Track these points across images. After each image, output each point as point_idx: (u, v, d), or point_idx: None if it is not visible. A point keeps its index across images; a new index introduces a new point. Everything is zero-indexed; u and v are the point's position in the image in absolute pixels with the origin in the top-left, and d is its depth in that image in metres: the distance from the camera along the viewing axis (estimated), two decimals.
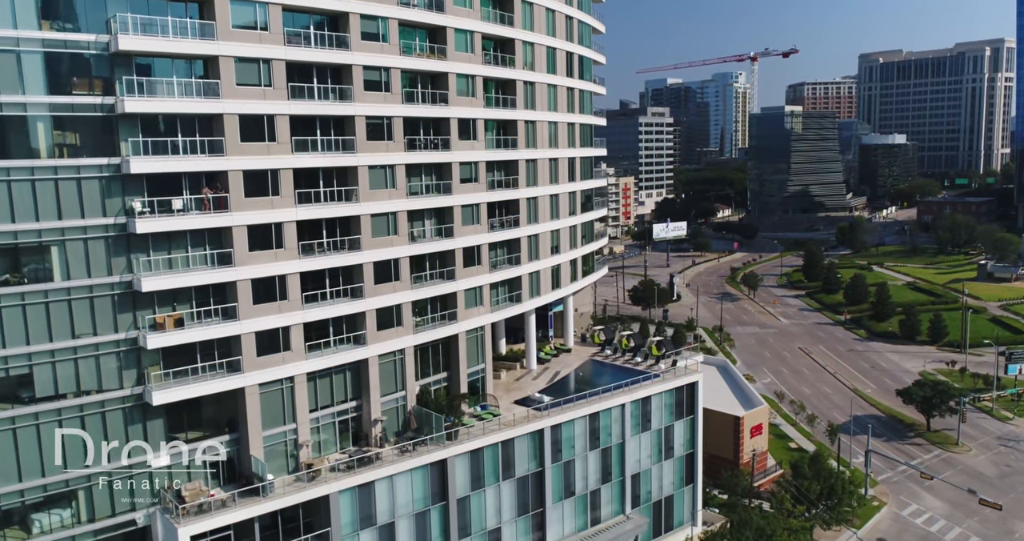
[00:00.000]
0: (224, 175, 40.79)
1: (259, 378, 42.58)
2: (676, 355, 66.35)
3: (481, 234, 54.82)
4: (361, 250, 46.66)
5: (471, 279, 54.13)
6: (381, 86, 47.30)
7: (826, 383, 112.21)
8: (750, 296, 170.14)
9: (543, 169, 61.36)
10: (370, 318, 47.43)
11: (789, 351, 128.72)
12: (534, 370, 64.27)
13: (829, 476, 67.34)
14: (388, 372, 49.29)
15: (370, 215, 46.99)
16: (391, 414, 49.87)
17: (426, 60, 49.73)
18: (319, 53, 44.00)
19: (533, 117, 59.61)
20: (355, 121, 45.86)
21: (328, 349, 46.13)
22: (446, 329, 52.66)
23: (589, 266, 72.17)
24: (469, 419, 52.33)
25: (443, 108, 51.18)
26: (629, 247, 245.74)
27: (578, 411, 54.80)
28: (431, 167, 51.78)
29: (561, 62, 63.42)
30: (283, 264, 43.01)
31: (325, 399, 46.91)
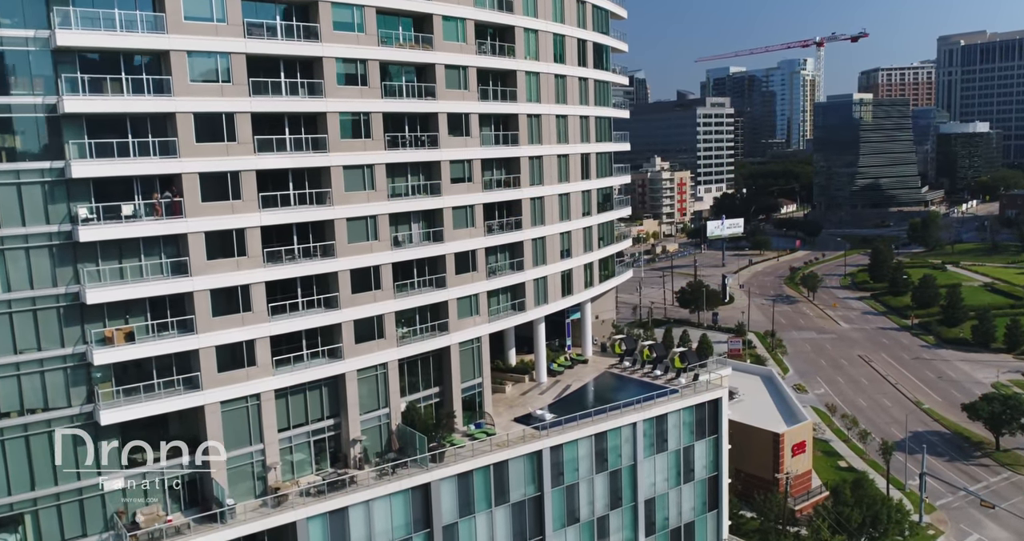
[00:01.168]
0: (178, 178, 39.01)
1: (220, 395, 40.83)
2: (701, 367, 62.57)
3: (476, 238, 52.22)
4: (335, 257, 44.55)
5: (465, 287, 51.58)
6: (357, 80, 45.06)
7: (886, 395, 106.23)
8: (809, 298, 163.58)
9: (550, 166, 58.38)
10: (347, 330, 45.30)
11: (847, 359, 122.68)
12: (544, 383, 61.39)
13: (873, 503, 62.62)
14: (369, 388, 47.12)
15: (345, 219, 44.84)
16: (373, 433, 47.69)
17: (409, 51, 47.34)
18: (285, 45, 42.02)
19: (538, 111, 56.72)
20: (327, 118, 43.71)
21: (300, 364, 44.16)
22: (436, 341, 50.23)
23: (609, 270, 68.86)
24: (460, 438, 49.82)
25: (430, 102, 48.75)
26: (683, 245, 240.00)
27: (582, 430, 51.75)
28: (418, 166, 49.42)
29: (571, 51, 60.31)
30: (246, 273, 41.16)
31: (299, 417, 44.99)
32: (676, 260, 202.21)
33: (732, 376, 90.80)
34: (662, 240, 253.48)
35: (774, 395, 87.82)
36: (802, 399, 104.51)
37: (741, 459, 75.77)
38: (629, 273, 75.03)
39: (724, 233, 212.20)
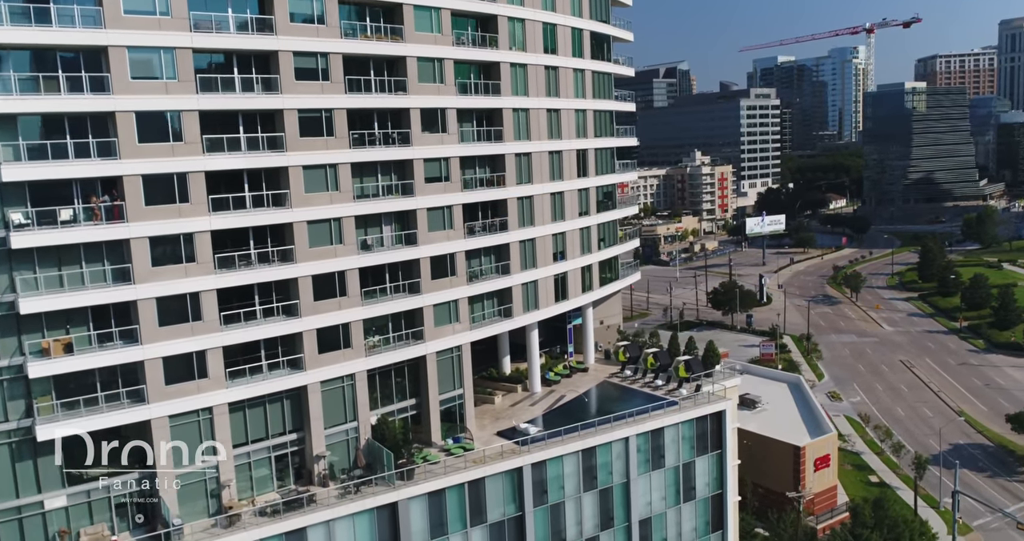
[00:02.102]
0: (120, 181, 37.76)
1: (169, 409, 39.52)
2: (707, 377, 59.70)
3: (455, 241, 50.23)
4: (295, 262, 42.96)
5: (442, 292, 49.67)
6: (318, 75, 43.39)
7: (926, 403, 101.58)
8: (852, 299, 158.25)
9: (540, 164, 56.10)
10: (308, 340, 43.71)
11: (888, 364, 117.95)
12: (537, 393, 59.20)
13: (895, 525, 59.03)
14: (334, 401, 45.49)
15: (306, 222, 43.24)
16: (340, 449, 46.06)
17: (376, 43, 45.54)
18: (236, 40, 40.53)
19: (525, 105, 54.51)
20: (284, 116, 42.12)
21: (257, 375, 42.69)
22: (410, 350, 48.43)
23: (612, 273, 66.32)
24: (436, 454, 47.91)
25: (400, 97, 46.89)
26: (723, 243, 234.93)
27: (568, 445, 49.41)
28: (389, 165, 47.65)
29: (565, 41, 57.95)
30: (195, 280, 39.78)
31: (258, 431, 43.56)
32: (713, 259, 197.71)
33: (757, 383, 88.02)
34: (701, 238, 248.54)
35: (800, 404, 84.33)
36: (836, 407, 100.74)
37: (759, 473, 72.77)
38: (636, 275, 72.35)
39: (764, 230, 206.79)
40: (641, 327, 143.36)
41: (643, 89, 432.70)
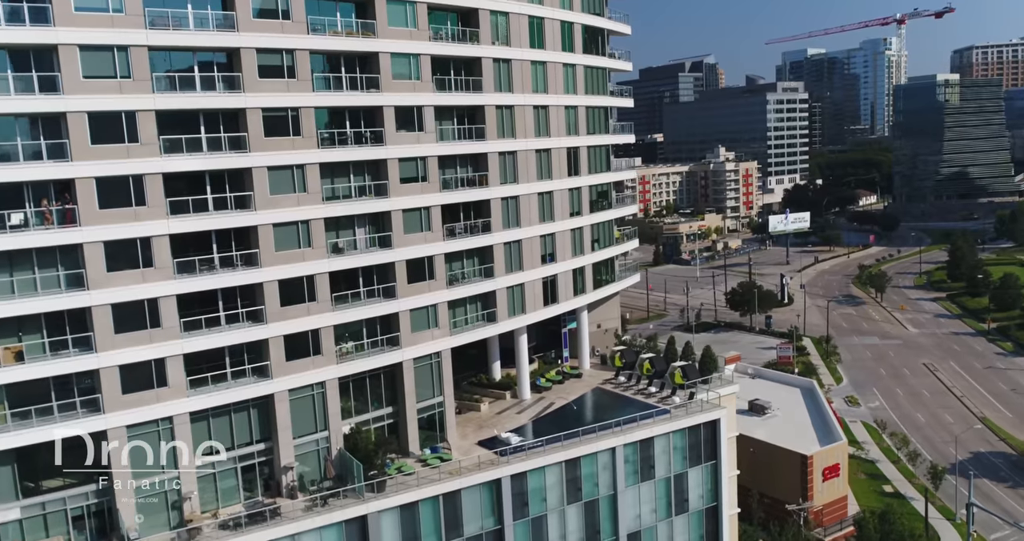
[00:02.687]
0: (72, 184, 37.08)
1: (125, 419, 38.81)
2: (703, 383, 58.02)
3: (434, 243, 49.08)
4: (260, 266, 42.08)
5: (420, 297, 48.56)
6: (283, 72, 42.44)
7: (949, 409, 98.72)
8: (877, 299, 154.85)
9: (526, 163, 54.77)
10: (275, 347, 42.82)
11: (910, 367, 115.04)
12: (526, 400, 57.94)
13: (901, 539, 56.96)
14: (304, 409, 44.58)
15: (271, 225, 42.34)
16: (311, 459, 45.15)
17: (345, 39, 44.49)
18: (195, 37, 39.70)
19: (509, 101, 53.21)
20: (247, 115, 41.22)
21: (221, 384, 41.88)
22: (385, 357, 47.39)
23: (608, 275, 64.81)
24: (411, 464, 46.84)
25: (372, 95, 45.80)
26: (747, 241, 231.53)
27: (550, 456, 48.12)
28: (362, 165, 46.58)
29: (553, 35, 56.53)
30: (153, 286, 39.03)
31: (224, 441, 42.61)
32: (736, 258, 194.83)
33: (769, 388, 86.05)
34: (725, 236, 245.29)
35: (812, 410, 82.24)
36: (853, 413, 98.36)
37: (766, 483, 71.00)
38: (635, 277, 70.74)
39: (788, 228, 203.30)
40: (657, 329, 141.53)
41: (669, 83, 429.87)
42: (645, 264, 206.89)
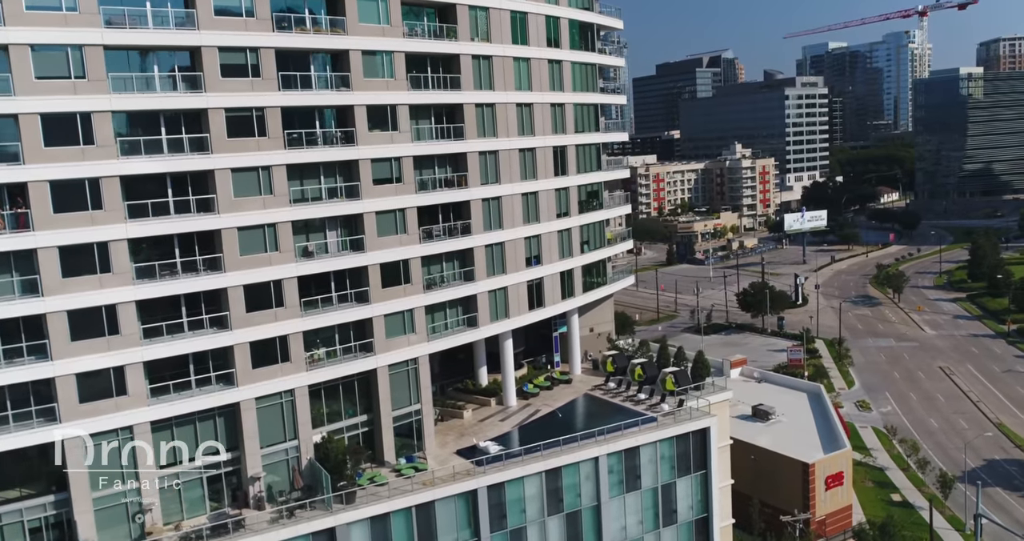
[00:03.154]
0: (25, 187, 36.53)
1: (83, 429, 38.16)
2: (695, 390, 56.79)
3: (409, 246, 48.21)
4: (224, 271, 41.35)
5: (395, 301, 47.71)
6: (247, 71, 41.70)
7: (963, 414, 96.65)
8: (894, 300, 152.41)
9: (509, 162, 53.79)
10: (241, 354, 42.11)
11: (925, 371, 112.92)
12: (512, 407, 56.96)
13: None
14: (272, 418, 43.84)
15: (236, 228, 41.59)
16: (280, 469, 44.41)
17: (313, 37, 43.67)
18: (154, 36, 39.02)
19: (490, 99, 52.24)
20: (209, 115, 40.52)
21: (185, 392, 41.20)
22: (357, 364, 46.55)
23: (599, 277, 63.67)
24: (385, 474, 46.00)
25: (343, 94, 44.98)
26: (763, 240, 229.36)
27: (530, 466, 47.16)
28: (334, 166, 45.76)
29: (537, 30, 55.48)
30: (111, 292, 38.40)
31: (188, 450, 41.99)
32: (751, 257, 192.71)
33: (775, 393, 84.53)
34: (741, 235, 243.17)
35: (818, 416, 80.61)
36: (863, 418, 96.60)
37: (767, 491, 69.71)
38: (629, 279, 69.50)
39: (804, 227, 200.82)
40: (666, 330, 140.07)
41: (686, 79, 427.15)
42: (658, 264, 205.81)
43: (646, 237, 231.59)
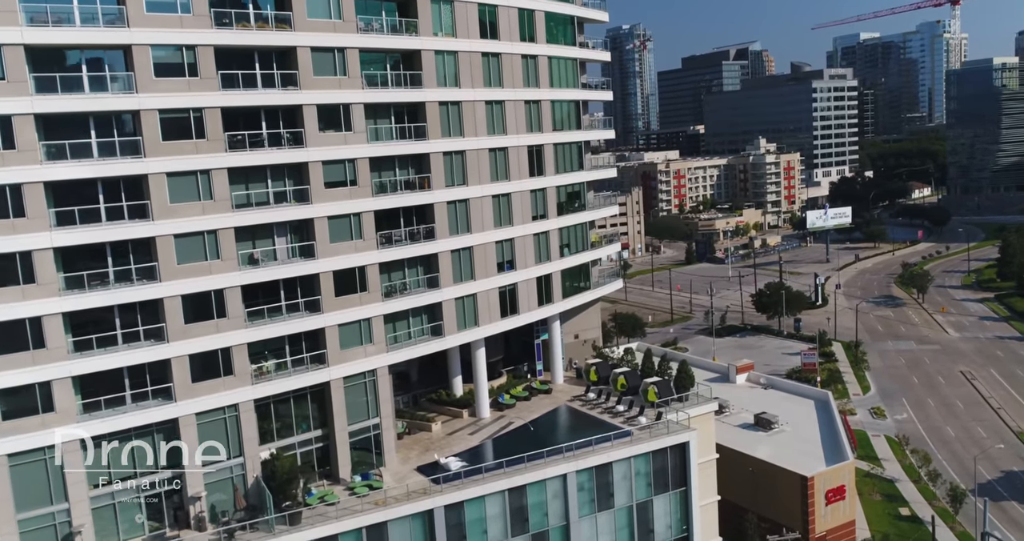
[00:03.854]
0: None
1: (6, 447, 36.91)
2: (679, 402, 54.45)
3: (365, 252, 46.36)
4: (159, 281, 39.77)
5: (350, 311, 45.90)
6: (183, 70, 40.06)
7: (983, 422, 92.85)
8: (918, 300, 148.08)
9: (478, 163, 51.76)
10: (179, 367, 40.53)
11: (946, 375, 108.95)
12: (484, 419, 55.00)
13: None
14: (214, 434, 42.16)
15: (172, 236, 39.98)
16: (224, 488, 42.79)
17: (255, 33, 41.93)
18: (81, 34, 37.51)
19: (455, 97, 50.24)
20: (141, 117, 38.94)
21: (118, 408, 39.71)
22: (308, 376, 44.80)
23: (581, 282, 61.39)
24: (337, 493, 44.22)
25: (290, 93, 43.19)
26: (787, 238, 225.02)
27: (491, 484, 45.16)
28: (282, 169, 44.01)
29: (508, 23, 53.36)
30: (35, 304, 36.99)
31: (125, 469, 40.53)
32: (772, 256, 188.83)
33: (780, 400, 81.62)
34: (765, 232, 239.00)
35: (824, 425, 77.50)
36: (877, 426, 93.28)
37: (765, 504, 67.06)
38: (617, 283, 67.13)
39: (828, 224, 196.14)
40: (679, 333, 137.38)
41: (712, 72, 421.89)
42: (677, 263, 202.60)
43: (666, 235, 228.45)
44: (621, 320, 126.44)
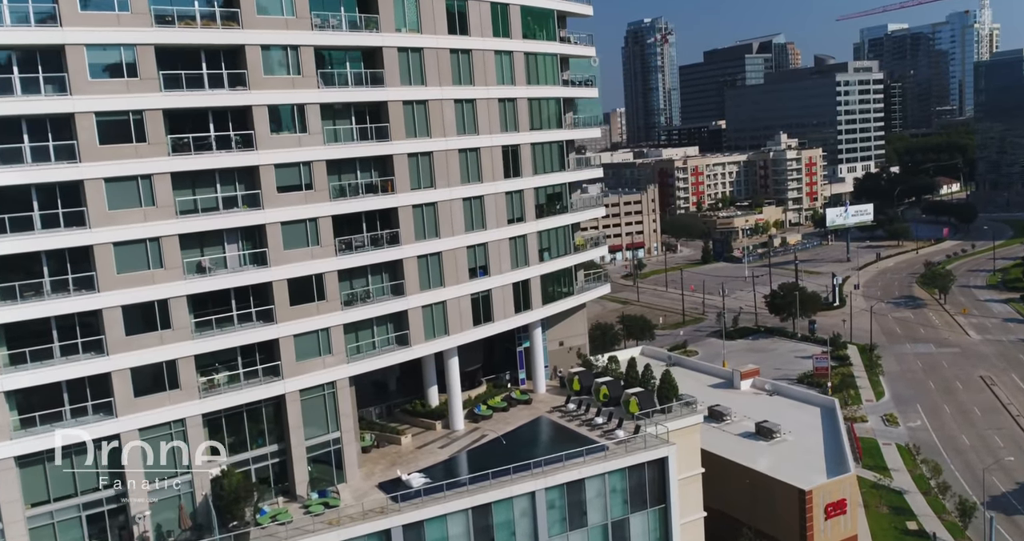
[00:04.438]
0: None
1: None
2: (662, 413, 52.47)
3: (323, 259, 44.84)
4: (98, 291, 38.49)
5: (306, 320, 44.40)
6: (122, 71, 38.73)
7: (1000, 430, 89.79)
8: (940, 301, 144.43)
9: (446, 165, 50.07)
10: (120, 381, 39.27)
11: (964, 380, 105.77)
12: (458, 431, 53.34)
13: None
14: (160, 450, 40.75)
15: (111, 244, 38.69)
16: (169, 506, 41.48)
17: (199, 32, 40.46)
18: (9, 34, 36.30)
19: (421, 96, 48.57)
20: (76, 120, 37.66)
21: (58, 423, 38.47)
22: (261, 389, 43.35)
23: (563, 287, 59.53)
24: (292, 511, 42.77)
25: (239, 93, 41.74)
26: (807, 236, 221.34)
27: (453, 502, 43.43)
28: (232, 173, 42.58)
29: (480, 18, 51.61)
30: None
31: (64, 488, 39.40)
32: (790, 255, 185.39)
33: (786, 408, 79.26)
34: (785, 230, 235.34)
35: (828, 434, 75.04)
36: (889, 434, 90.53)
37: (762, 518, 64.97)
38: (605, 288, 65.05)
39: (848, 222, 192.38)
40: (690, 335, 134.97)
41: (735, 66, 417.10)
42: (693, 262, 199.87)
43: (683, 233, 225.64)
44: (629, 322, 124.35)
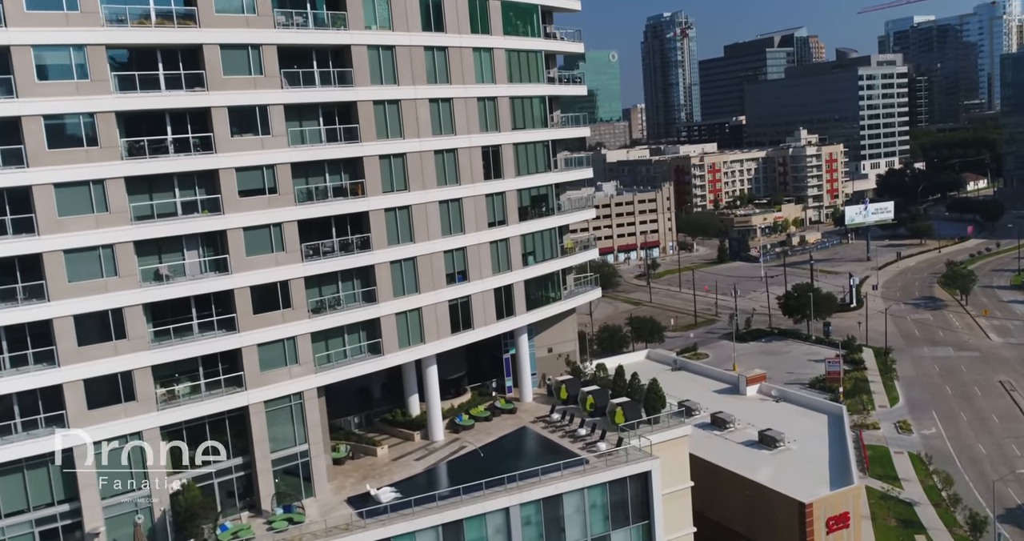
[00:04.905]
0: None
1: None
2: (649, 424, 51.01)
3: (289, 266, 43.78)
4: (48, 300, 37.62)
5: (271, 329, 43.37)
6: (72, 72, 37.84)
7: (1018, 439, 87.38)
8: (961, 302, 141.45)
9: (420, 167, 48.87)
10: (73, 393, 38.40)
11: (983, 386, 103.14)
12: (437, 442, 52.16)
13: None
14: (115, 464, 39.92)
15: (61, 251, 37.82)
16: (125, 522, 40.59)
17: (153, 31, 39.50)
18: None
19: (393, 96, 47.42)
20: (23, 124, 36.80)
21: (7, 437, 37.75)
22: (223, 401, 42.37)
23: (550, 292, 58.15)
24: (252, 528, 41.75)
25: (196, 95, 40.76)
26: (827, 235, 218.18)
27: (423, 519, 42.23)
28: (191, 177, 41.61)
29: (456, 14, 50.36)
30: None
31: (16, 502, 38.64)
32: (806, 255, 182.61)
33: (791, 415, 77.40)
34: (805, 228, 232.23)
35: (834, 443, 73.10)
36: (902, 442, 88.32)
37: (762, 532, 63.29)
38: (596, 293, 63.61)
39: (868, 220, 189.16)
40: (701, 337, 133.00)
41: (756, 60, 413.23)
42: (709, 262, 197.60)
43: (699, 232, 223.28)
44: (638, 324, 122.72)
